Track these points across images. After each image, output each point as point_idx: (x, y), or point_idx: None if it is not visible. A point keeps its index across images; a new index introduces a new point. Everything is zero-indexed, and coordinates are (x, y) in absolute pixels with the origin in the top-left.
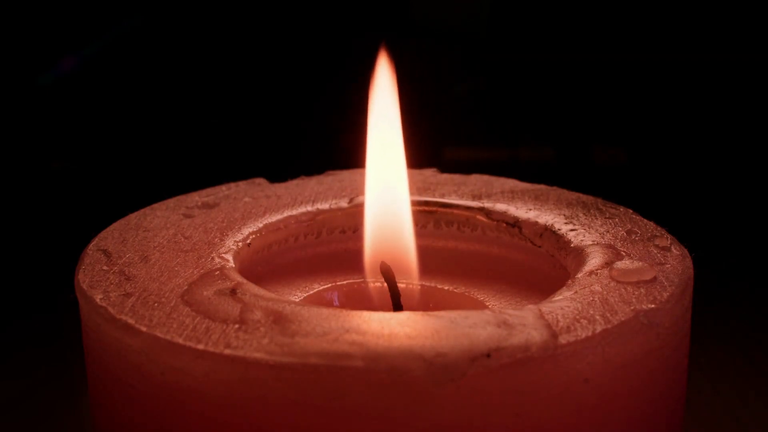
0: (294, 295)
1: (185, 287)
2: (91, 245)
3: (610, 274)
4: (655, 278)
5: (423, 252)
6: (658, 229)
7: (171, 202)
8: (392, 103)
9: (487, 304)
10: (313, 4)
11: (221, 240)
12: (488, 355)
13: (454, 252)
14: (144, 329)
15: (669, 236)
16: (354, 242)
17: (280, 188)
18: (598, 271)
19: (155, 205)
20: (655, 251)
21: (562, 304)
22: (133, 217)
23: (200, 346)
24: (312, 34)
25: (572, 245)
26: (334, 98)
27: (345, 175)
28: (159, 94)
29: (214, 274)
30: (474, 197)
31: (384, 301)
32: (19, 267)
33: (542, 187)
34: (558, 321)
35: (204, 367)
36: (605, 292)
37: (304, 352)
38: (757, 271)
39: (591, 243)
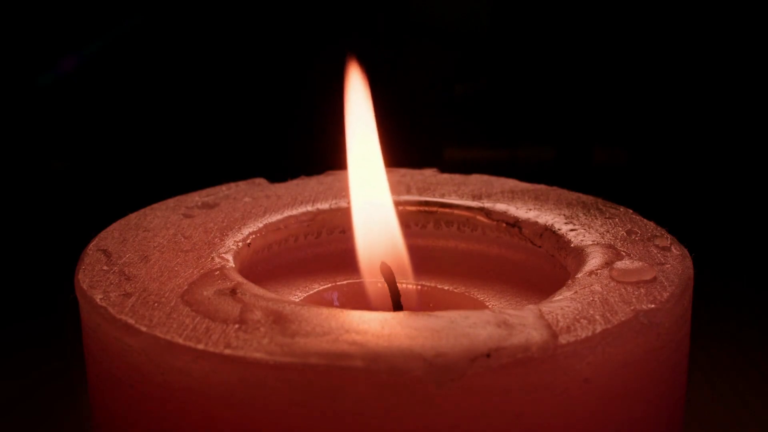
0: (294, 295)
1: (185, 287)
2: (91, 245)
3: (610, 274)
4: (655, 278)
5: (423, 252)
6: (658, 229)
7: (171, 202)
8: (366, 108)
9: (487, 304)
10: (314, 3)
11: (221, 240)
12: (488, 355)
13: (454, 252)
14: (144, 329)
15: (669, 236)
16: (354, 242)
17: (280, 188)
18: (598, 271)
19: (155, 205)
20: (655, 251)
21: (562, 304)
22: (133, 217)
23: (200, 346)
24: (312, 33)
25: (572, 245)
26: (334, 98)
27: (345, 175)
28: (159, 94)
29: (214, 274)
30: (474, 197)
31: (384, 301)
32: (19, 267)
33: (542, 187)
34: (558, 321)
35: (204, 367)
36: (605, 292)
37: (304, 352)
38: (757, 271)
39: (591, 243)
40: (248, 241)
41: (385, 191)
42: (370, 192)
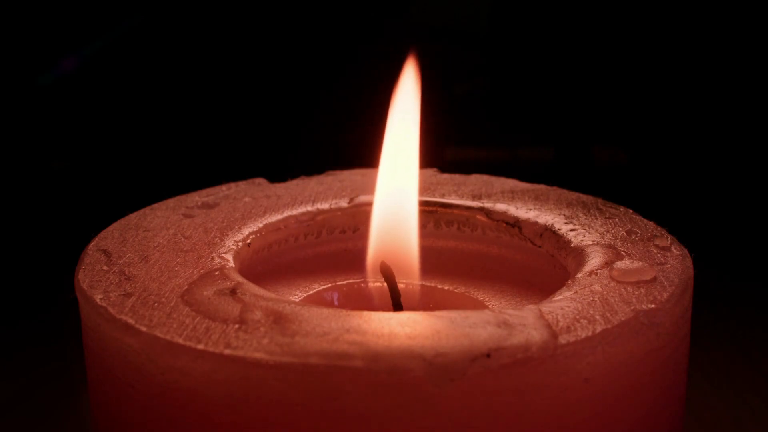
0: (294, 295)
1: (185, 287)
2: (91, 245)
3: (610, 274)
4: (655, 278)
5: (423, 252)
6: (658, 229)
7: (171, 202)
8: (413, 108)
9: (487, 304)
10: (313, 4)
11: (221, 240)
12: (488, 355)
13: (454, 252)
14: (144, 329)
15: (669, 236)
16: (354, 242)
17: (280, 188)
18: (598, 271)
19: (155, 205)
20: (655, 251)
21: (562, 304)
22: (133, 217)
23: (200, 346)
24: (312, 34)
25: (572, 245)
26: (334, 98)
27: (345, 175)
28: (159, 94)
29: (214, 274)
30: (474, 197)
31: (384, 301)
32: (20, 267)
33: (542, 187)
34: (558, 321)
35: (204, 367)
36: (605, 292)
37: (304, 352)
38: (757, 271)
39: (591, 243)
40: (248, 241)
41: (413, 191)
42: (398, 190)
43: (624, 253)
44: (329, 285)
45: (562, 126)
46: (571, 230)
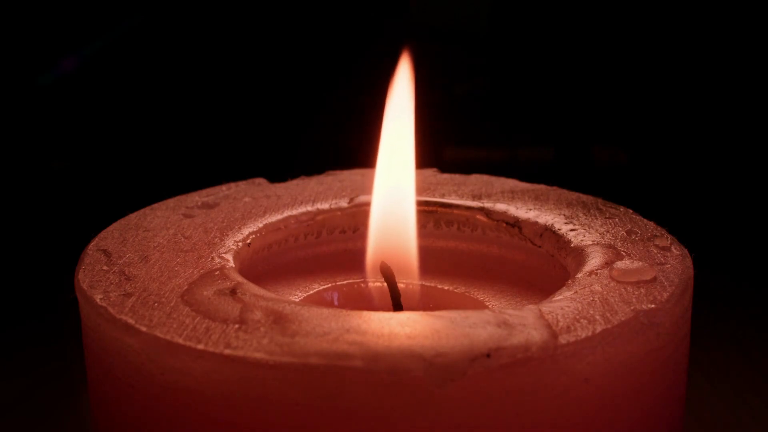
0: (294, 295)
1: (185, 287)
2: (91, 245)
3: (610, 274)
4: (655, 278)
5: (423, 252)
6: (658, 229)
7: (171, 202)
8: (408, 106)
9: (487, 304)
10: (314, 4)
11: (221, 240)
12: (488, 355)
13: (454, 252)
14: (144, 329)
15: (669, 236)
16: (354, 242)
17: (280, 188)
18: (598, 271)
19: (155, 205)
20: (655, 251)
21: (562, 304)
22: (133, 217)
23: (200, 346)
24: (312, 34)
25: (572, 245)
26: (334, 99)
27: (345, 175)
28: (159, 94)
29: (214, 274)
30: (474, 197)
31: (384, 301)
32: (20, 266)
33: (542, 187)
34: (558, 321)
35: (204, 367)
36: (605, 292)
37: (304, 352)
38: (757, 271)
39: (591, 243)
40: (248, 241)
41: (410, 190)
42: (395, 189)
43: (624, 253)
44: (329, 285)
45: (562, 126)
46: (571, 230)
